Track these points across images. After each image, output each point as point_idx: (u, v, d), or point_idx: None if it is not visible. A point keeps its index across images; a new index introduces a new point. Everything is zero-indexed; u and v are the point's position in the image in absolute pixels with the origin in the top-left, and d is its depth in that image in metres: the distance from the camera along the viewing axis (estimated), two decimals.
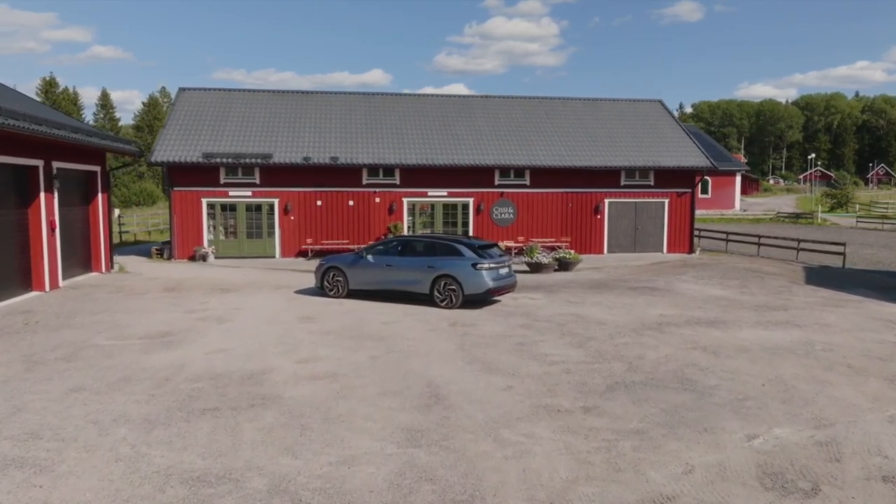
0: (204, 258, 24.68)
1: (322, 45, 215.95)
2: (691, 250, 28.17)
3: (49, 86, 75.23)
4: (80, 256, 19.45)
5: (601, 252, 27.70)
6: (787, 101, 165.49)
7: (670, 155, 28.04)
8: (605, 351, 10.86)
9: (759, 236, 28.75)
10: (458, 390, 8.61)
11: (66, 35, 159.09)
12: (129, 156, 21.59)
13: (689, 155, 28.25)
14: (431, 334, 12.07)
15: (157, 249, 26.04)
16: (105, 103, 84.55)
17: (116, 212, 48.23)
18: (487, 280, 14.52)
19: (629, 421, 7.56)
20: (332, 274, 16.16)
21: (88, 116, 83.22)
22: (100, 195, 20.35)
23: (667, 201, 28.05)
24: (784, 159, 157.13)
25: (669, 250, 28.16)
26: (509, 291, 15.64)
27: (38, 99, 69.97)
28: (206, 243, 25.22)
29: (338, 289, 16.07)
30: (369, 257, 15.80)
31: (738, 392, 8.71)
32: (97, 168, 20.19)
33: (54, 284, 17.00)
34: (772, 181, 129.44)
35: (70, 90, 76.85)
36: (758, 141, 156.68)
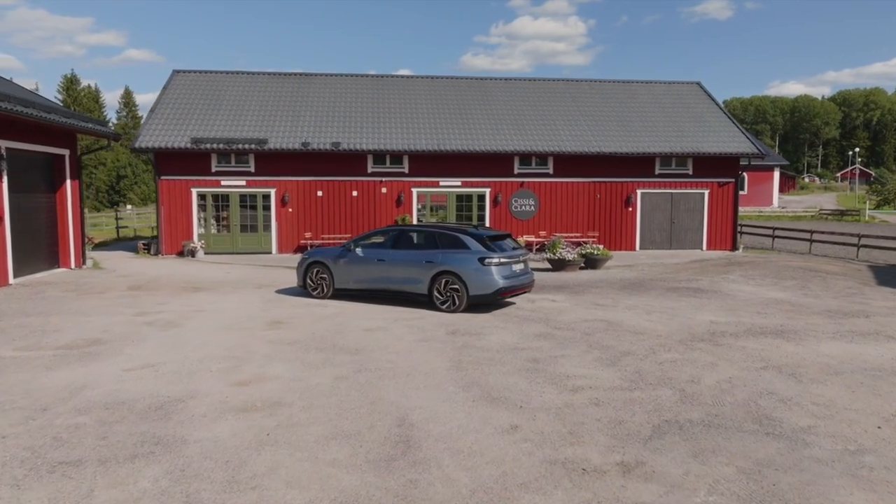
0: (192, 254, 22.45)
1: (348, 46, 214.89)
2: (734, 247, 25.20)
3: (70, 83, 74.32)
4: (42, 251, 17.27)
5: (632, 248, 24.87)
6: (822, 98, 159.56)
7: (711, 140, 25.10)
8: (645, 371, 8.21)
9: (812, 232, 25.67)
10: (439, 433, 6.05)
11: (102, 39, 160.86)
12: (104, 138, 19.37)
13: (732, 140, 25.28)
14: (422, 346, 9.51)
15: (143, 245, 23.91)
16: (128, 101, 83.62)
17: (129, 207, 46.66)
18: (497, 278, 11.92)
19: (694, 491, 4.93)
20: (315, 271, 13.71)
21: (112, 115, 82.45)
22: (69, 182, 18.16)
23: (707, 192, 25.12)
24: (820, 157, 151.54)
25: (710, 247, 25.22)
26: (525, 292, 13.01)
27: (60, 96, 69.08)
28: (195, 238, 22.99)
29: (322, 288, 13.61)
30: (358, 251, 13.31)
31: (846, 439, 6.01)
32: (65, 151, 18.00)
33: (2, 282, 14.81)
34: (807, 179, 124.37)
35: (92, 87, 75.95)
36: (792, 138, 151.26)
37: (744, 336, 10.31)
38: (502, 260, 12.09)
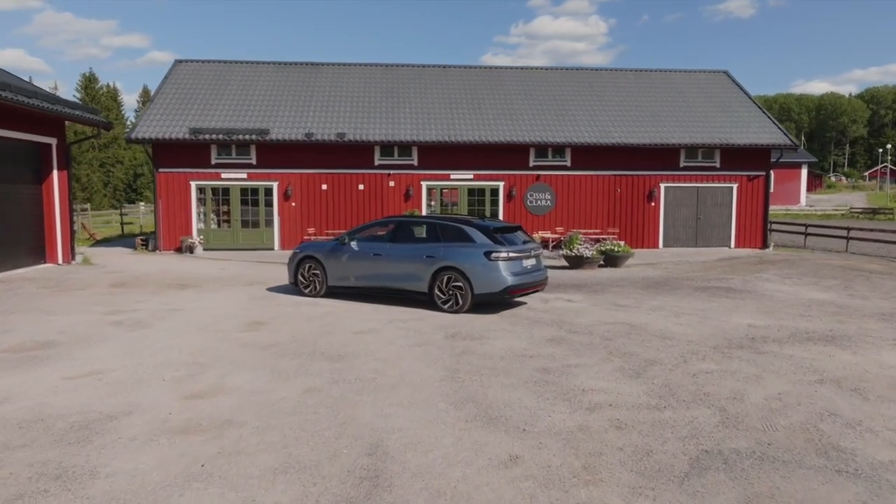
0: (191, 250, 21.41)
1: (368, 46, 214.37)
2: (765, 245, 23.62)
3: (88, 81, 74.24)
4: (26, 245, 16.30)
5: (655, 246, 23.41)
6: (850, 95, 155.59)
7: (740, 131, 23.55)
8: (676, 385, 6.87)
9: (849, 229, 24.00)
10: (418, 465, 4.79)
11: (126, 41, 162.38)
12: (93, 126, 18.36)
13: (762, 131, 23.71)
14: (415, 352, 8.26)
15: (141, 240, 22.93)
16: (146, 100, 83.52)
17: (143, 205, 45.84)
18: (505, 274, 10.62)
19: None
20: (307, 266, 12.51)
21: (130, 115, 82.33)
22: (55, 173, 17.16)
23: (735, 186, 23.56)
24: (847, 155, 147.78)
25: (738, 244, 23.66)
26: (538, 290, 11.69)
27: (79, 95, 68.92)
28: (194, 233, 21.95)
29: (314, 285, 12.41)
30: (353, 244, 12.08)
31: None
32: (51, 140, 17.01)
33: None
34: (833, 178, 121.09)
35: (110, 86, 75.86)
36: (818, 137, 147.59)
37: (789, 342, 8.92)
38: (511, 254, 10.78)
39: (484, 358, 7.93)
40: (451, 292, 10.85)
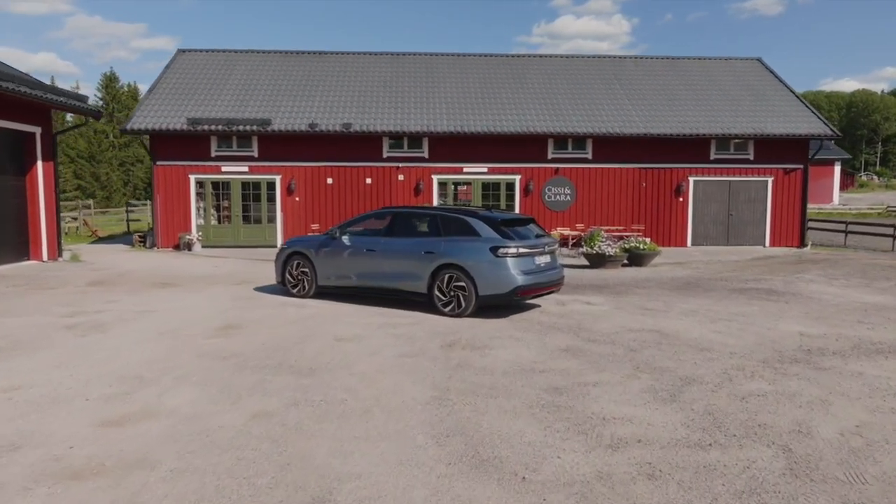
0: (189, 247, 20.30)
1: (391, 47, 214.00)
2: (802, 243, 21.90)
3: (109, 81, 74.21)
4: (8, 241, 15.24)
5: (683, 244, 21.82)
6: (882, 93, 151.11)
7: (775, 120, 21.85)
8: (722, 412, 5.45)
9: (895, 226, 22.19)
10: None
11: (154, 44, 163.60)
12: (82, 115, 17.28)
13: (800, 120, 21.99)
14: (402, 365, 6.91)
15: (139, 237, 21.89)
16: None
17: (150, 203, 45.16)
18: (514, 273, 9.24)
19: None
20: (295, 263, 11.23)
21: None
22: (40, 164, 16.11)
23: (770, 180, 21.86)
24: (879, 154, 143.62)
25: (773, 243, 21.97)
26: (552, 291, 10.29)
27: (99, 94, 68.83)
28: (193, 229, 20.85)
29: (303, 285, 11.12)
30: (344, 239, 10.77)
31: None
32: (35, 129, 15.96)
33: None
34: (865, 177, 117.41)
35: (132, 85, 75.75)
36: (849, 135, 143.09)
37: (854, 356, 7.42)
38: (521, 250, 9.40)
39: (483, 373, 6.56)
40: (452, 293, 9.49)
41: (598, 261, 16.08)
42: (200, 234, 20.81)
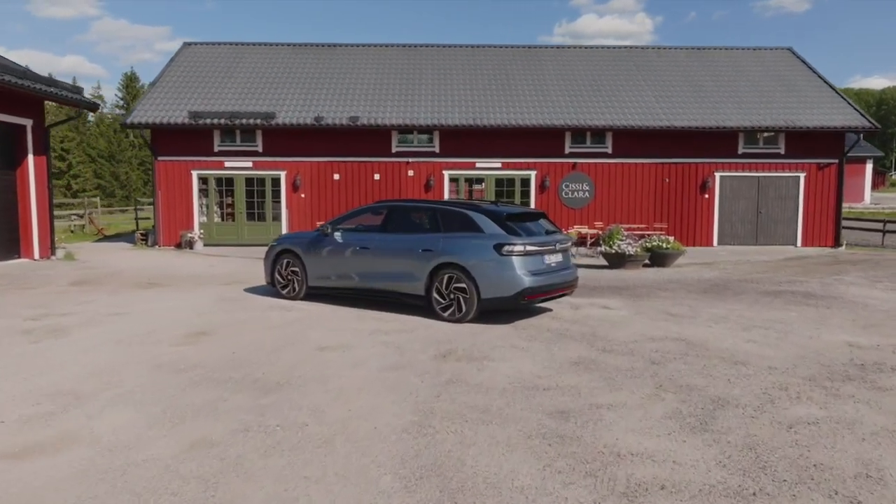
0: (191, 245, 19.56)
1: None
2: (837, 243, 20.57)
3: (129, 80, 74.44)
4: None
5: (709, 243, 20.61)
6: None
7: (808, 112, 20.54)
8: (765, 446, 4.41)
9: None
10: None
11: (178, 46, 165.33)
12: (74, 107, 16.56)
13: (834, 111, 20.66)
14: (385, 380, 5.95)
15: (142, 235, 21.24)
16: None
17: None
18: (521, 273, 8.23)
19: None
20: (284, 262, 10.33)
21: None
22: (31, 158, 15.43)
23: (803, 176, 20.56)
24: None
25: (806, 243, 20.67)
26: (565, 293, 9.25)
27: (120, 94, 69.06)
28: (196, 227, 20.11)
29: (293, 286, 10.22)
30: (336, 235, 9.84)
31: None
32: (26, 121, 15.28)
33: None
34: (894, 176, 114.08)
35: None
36: (879, 133, 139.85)
37: None
38: (529, 248, 8.39)
39: (477, 391, 5.58)
40: (452, 296, 8.52)
41: (617, 261, 14.99)
42: (202, 231, 20.06)
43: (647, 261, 15.36)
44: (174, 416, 4.91)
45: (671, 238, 16.30)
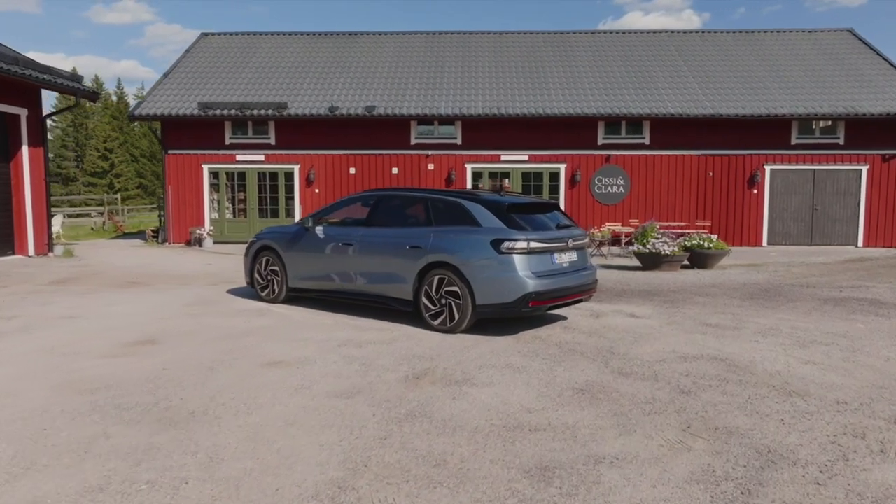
0: (199, 242, 18.66)
1: None
2: None
3: None
4: None
5: (758, 243, 18.75)
6: None
7: (872, 99, 18.50)
8: None
9: None
10: None
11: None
12: (73, 95, 15.73)
13: None
14: (330, 410, 4.64)
15: (152, 232, 20.50)
16: None
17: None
18: (524, 275, 6.81)
19: None
20: (264, 260, 9.13)
21: None
22: (26, 149, 14.67)
23: (865, 168, 18.52)
24: None
25: (868, 243, 18.63)
26: (580, 299, 7.74)
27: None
28: (206, 223, 19.21)
29: (272, 287, 9.01)
30: (318, 230, 8.58)
31: None
32: (21, 111, 14.52)
33: None
34: None
35: None
36: None
37: None
38: (534, 244, 6.96)
39: (441, 432, 4.21)
40: (443, 301, 7.16)
41: (651, 261, 13.39)
42: (213, 228, 19.14)
43: (685, 262, 13.73)
44: (20, 464, 3.68)
45: (714, 237, 14.60)
